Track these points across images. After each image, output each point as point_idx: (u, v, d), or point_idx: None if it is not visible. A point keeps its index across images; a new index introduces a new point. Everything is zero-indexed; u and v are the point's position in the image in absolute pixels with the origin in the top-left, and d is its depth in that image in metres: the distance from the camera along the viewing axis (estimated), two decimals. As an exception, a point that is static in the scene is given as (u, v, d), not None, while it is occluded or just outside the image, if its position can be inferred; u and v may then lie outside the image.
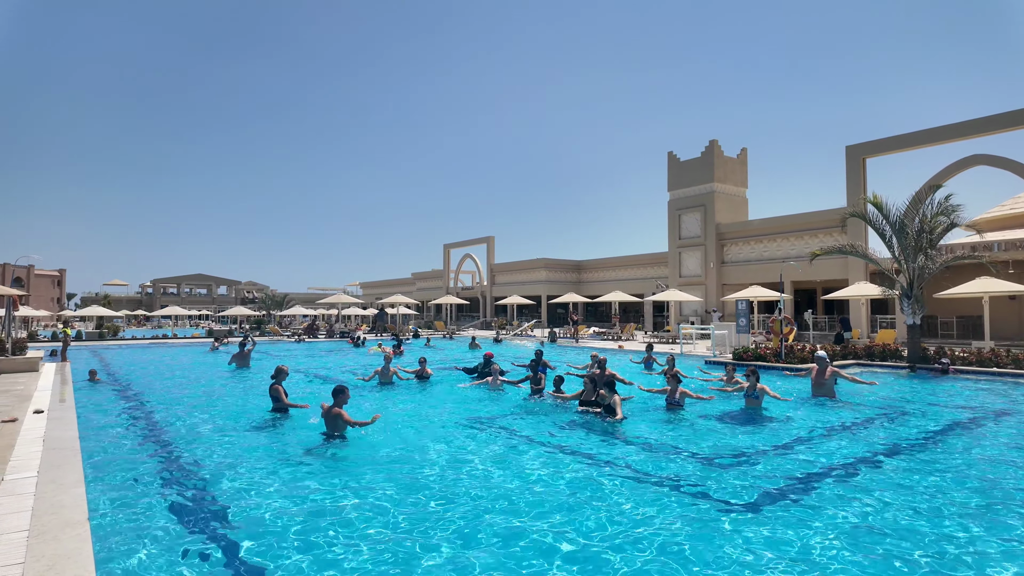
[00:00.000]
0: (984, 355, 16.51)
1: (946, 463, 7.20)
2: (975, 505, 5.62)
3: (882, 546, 4.64)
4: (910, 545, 4.66)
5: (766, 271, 33.98)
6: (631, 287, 43.52)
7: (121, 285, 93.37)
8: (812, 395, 11.98)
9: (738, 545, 4.64)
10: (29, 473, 5.55)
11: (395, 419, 9.91)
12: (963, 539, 4.79)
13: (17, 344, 17.66)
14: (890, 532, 4.92)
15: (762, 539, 4.76)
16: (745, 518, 5.24)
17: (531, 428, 9.27)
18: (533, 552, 4.52)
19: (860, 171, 29.78)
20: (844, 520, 5.19)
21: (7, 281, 64.41)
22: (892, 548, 4.60)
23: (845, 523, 5.12)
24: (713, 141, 38.30)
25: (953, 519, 5.24)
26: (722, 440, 8.40)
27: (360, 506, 5.54)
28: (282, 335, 37.76)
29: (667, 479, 6.51)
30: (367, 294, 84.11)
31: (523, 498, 5.80)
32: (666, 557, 4.44)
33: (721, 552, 4.51)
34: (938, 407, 11.24)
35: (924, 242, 17.23)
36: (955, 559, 4.42)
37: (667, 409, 10.54)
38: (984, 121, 26.08)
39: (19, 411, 9.04)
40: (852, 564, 4.31)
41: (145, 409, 11.16)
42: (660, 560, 4.39)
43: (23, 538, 3.98)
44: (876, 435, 8.78)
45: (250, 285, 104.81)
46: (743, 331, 21.50)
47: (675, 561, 4.38)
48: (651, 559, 4.41)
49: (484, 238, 57.00)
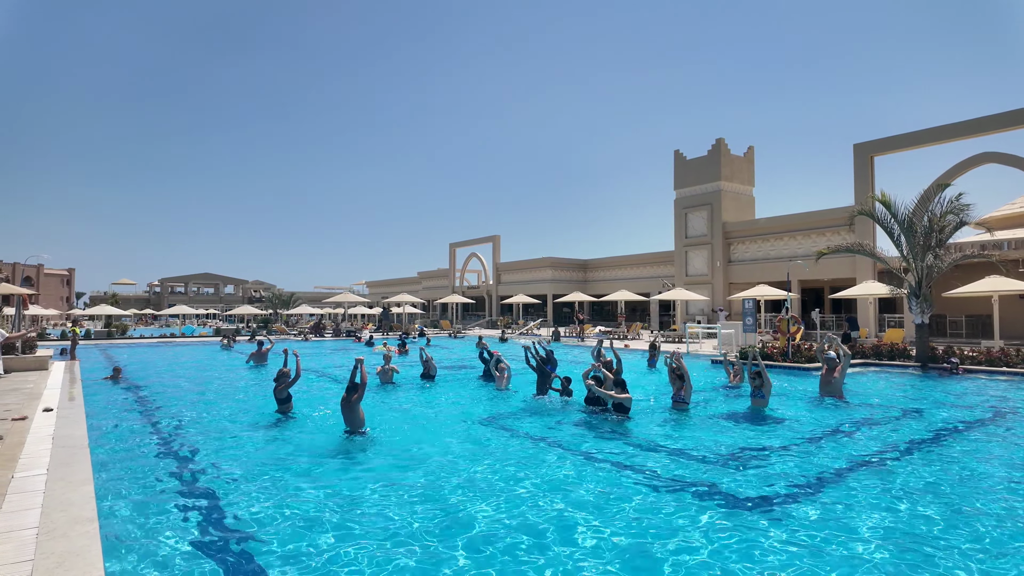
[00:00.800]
0: (993, 354, 16.38)
1: (953, 463, 7.15)
2: (986, 506, 5.58)
3: (894, 546, 4.62)
4: (924, 545, 4.64)
5: (773, 270, 33.83)
6: (637, 286, 43.43)
7: (129, 284, 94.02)
8: (819, 394, 11.93)
9: (744, 544, 4.63)
10: (39, 471, 5.60)
11: (398, 419, 9.93)
12: (971, 537, 4.76)
13: (27, 343, 17.81)
14: (901, 532, 4.90)
15: (772, 537, 4.75)
16: (752, 516, 5.23)
17: (537, 427, 9.27)
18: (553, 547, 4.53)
19: (868, 169, 29.58)
20: (852, 520, 5.16)
21: (17, 280, 64.93)
22: (905, 548, 4.58)
23: (853, 523, 5.09)
24: (720, 139, 38.13)
25: (963, 519, 5.20)
26: (727, 439, 8.37)
27: (373, 504, 5.56)
28: (288, 334, 37.93)
29: (675, 479, 6.50)
30: (373, 293, 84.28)
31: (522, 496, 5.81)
32: (678, 555, 4.44)
33: (732, 550, 4.50)
34: (945, 407, 11.16)
35: (933, 241, 17.11)
36: (964, 555, 4.39)
37: (673, 408, 10.52)
38: (994, 119, 25.83)
39: (29, 409, 9.11)
40: (863, 564, 4.29)
41: (154, 407, 11.23)
42: (671, 559, 4.39)
43: (33, 535, 4.02)
44: (883, 435, 8.73)
45: (257, 284, 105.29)
46: (750, 330, 21.41)
47: (684, 558, 4.37)
48: (664, 558, 4.41)
49: (490, 237, 57.00)
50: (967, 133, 26.67)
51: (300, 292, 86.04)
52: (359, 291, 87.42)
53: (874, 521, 5.14)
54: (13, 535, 4.02)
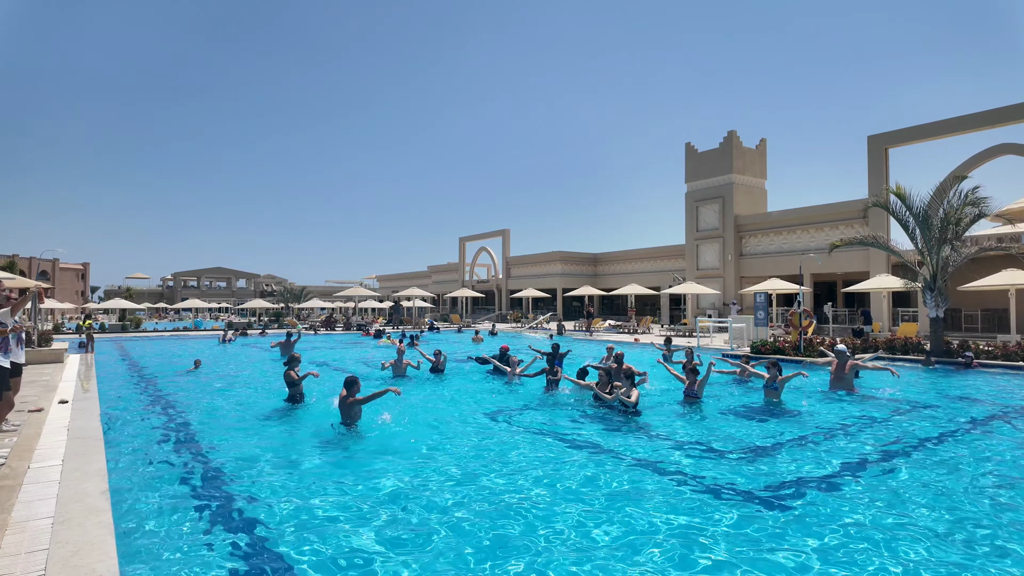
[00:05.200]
0: (1010, 349, 16.15)
1: (967, 458, 7.06)
2: (1000, 499, 5.51)
3: (904, 542, 4.57)
4: (934, 540, 4.59)
5: (785, 263, 33.53)
6: (647, 280, 43.22)
7: (143, 278, 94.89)
8: (830, 388, 11.83)
9: (759, 538, 4.60)
10: (54, 461, 5.67)
11: (410, 411, 9.97)
12: (985, 533, 4.70)
13: (43, 336, 18.06)
14: (910, 527, 4.85)
15: (785, 533, 4.71)
16: (763, 511, 5.19)
17: (549, 421, 9.26)
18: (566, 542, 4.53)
19: (882, 162, 29.18)
20: (861, 515, 5.12)
21: (33, 274, 65.78)
22: (914, 543, 4.53)
23: (863, 518, 5.05)
24: (732, 132, 37.76)
25: (973, 514, 5.14)
26: (740, 432, 8.32)
27: (381, 498, 5.59)
28: (300, 327, 38.18)
29: (687, 473, 6.47)
30: (383, 287, 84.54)
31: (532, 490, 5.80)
32: (686, 550, 4.42)
33: (744, 545, 4.47)
34: (960, 401, 11.03)
35: (950, 233, 16.87)
36: (973, 552, 4.34)
37: (685, 401, 10.48)
38: (1011, 109, 25.35)
39: (45, 401, 9.24)
40: (873, 559, 4.25)
41: (167, 399, 11.35)
42: (675, 553, 4.37)
43: (48, 524, 4.07)
44: (895, 429, 8.63)
45: (269, 278, 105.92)
46: (761, 324, 21.27)
47: (688, 553, 4.35)
48: (670, 551, 4.39)
49: (499, 231, 56.91)
50: (983, 124, 26.22)
51: (311, 286, 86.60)
52: (369, 285, 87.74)
53: (888, 517, 5.09)
54: (29, 524, 4.08)
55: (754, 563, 4.18)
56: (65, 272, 77.02)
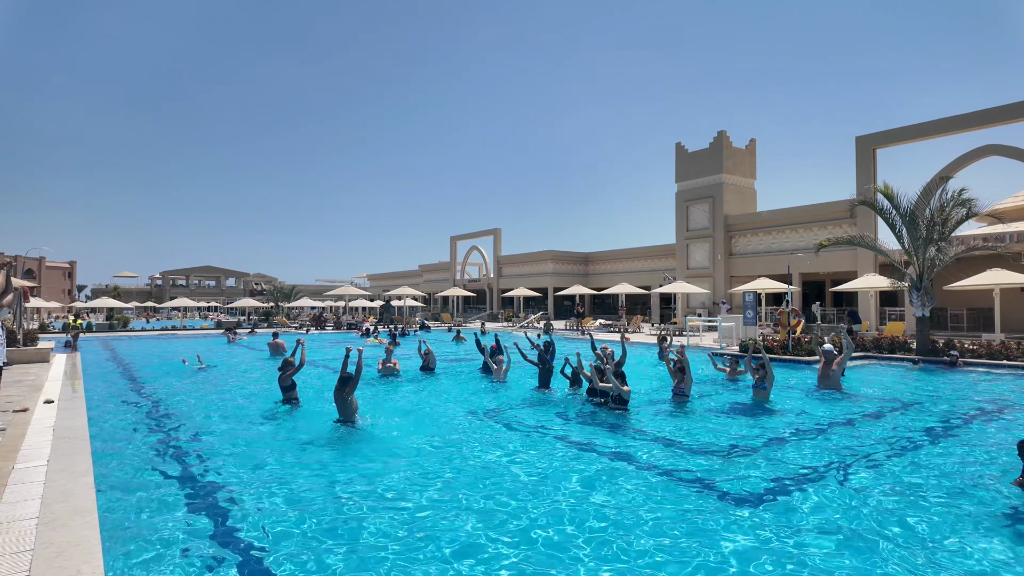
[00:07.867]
0: (994, 347, 16.37)
1: (951, 457, 7.16)
2: (979, 500, 5.59)
3: (886, 540, 4.63)
4: (912, 539, 4.66)
5: (774, 263, 33.77)
6: (638, 279, 43.39)
7: (131, 277, 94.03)
8: (817, 387, 11.94)
9: (743, 536, 4.64)
10: (39, 462, 5.63)
11: (401, 410, 9.96)
12: (968, 533, 4.77)
13: (28, 335, 17.86)
14: (895, 526, 4.91)
15: (771, 531, 4.76)
16: (752, 510, 5.24)
17: (538, 419, 9.29)
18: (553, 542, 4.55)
19: (870, 162, 29.44)
20: (849, 515, 5.18)
21: (19, 273, 65.03)
22: (895, 541, 4.60)
23: (851, 517, 5.11)
24: (722, 132, 37.98)
25: (957, 514, 5.22)
26: (728, 431, 8.38)
27: (372, 497, 5.59)
28: (290, 327, 38.00)
29: (674, 470, 6.51)
30: (374, 286, 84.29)
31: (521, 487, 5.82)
32: (674, 547, 4.46)
33: (727, 544, 4.52)
34: (944, 400, 11.16)
35: (935, 233, 17.05)
36: (955, 552, 4.40)
37: (673, 400, 10.55)
38: (997, 111, 25.69)
39: (30, 401, 9.14)
40: (861, 556, 4.31)
41: (154, 399, 11.27)
42: (666, 551, 4.41)
43: (32, 525, 4.04)
44: (880, 428, 8.73)
45: (258, 277, 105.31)
46: (750, 323, 21.41)
47: (681, 551, 4.39)
48: (659, 548, 4.43)
49: (491, 230, 56.93)
50: (970, 125, 26.53)
51: (302, 285, 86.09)
52: (360, 284, 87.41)
53: (866, 513, 5.16)
54: (14, 525, 4.05)
55: (739, 559, 4.23)
56: (51, 271, 76.18)
